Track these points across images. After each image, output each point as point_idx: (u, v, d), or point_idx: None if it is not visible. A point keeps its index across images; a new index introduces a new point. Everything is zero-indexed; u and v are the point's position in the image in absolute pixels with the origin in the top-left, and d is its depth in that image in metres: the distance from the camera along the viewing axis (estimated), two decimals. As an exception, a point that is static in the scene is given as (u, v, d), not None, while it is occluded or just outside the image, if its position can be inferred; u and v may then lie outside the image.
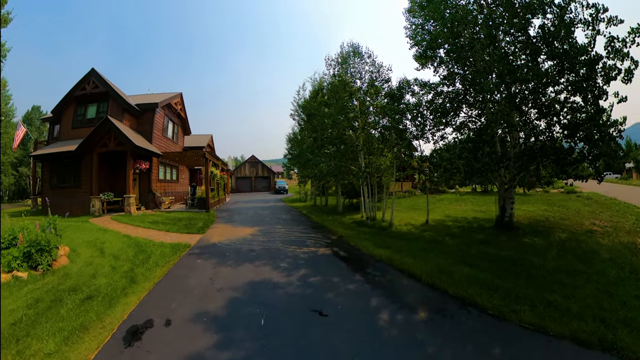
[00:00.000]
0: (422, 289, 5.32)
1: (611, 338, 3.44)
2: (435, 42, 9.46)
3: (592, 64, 6.76)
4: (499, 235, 8.80)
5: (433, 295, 5.06)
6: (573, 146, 7.86)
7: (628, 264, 6.11)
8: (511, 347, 3.57)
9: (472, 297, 4.71)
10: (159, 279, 5.92)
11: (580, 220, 10.69)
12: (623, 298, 4.58)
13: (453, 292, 4.99)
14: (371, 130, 12.70)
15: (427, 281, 5.51)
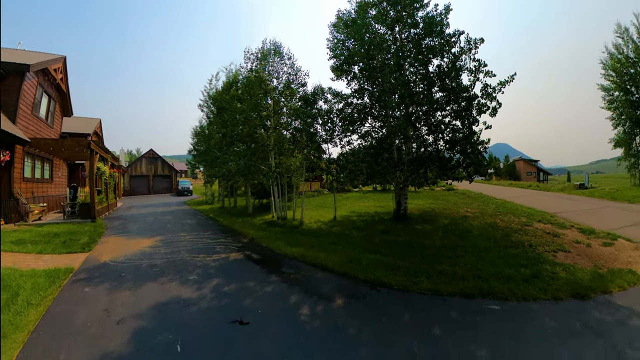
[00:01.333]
0: (335, 279, 5.64)
1: (487, 287, 4.84)
2: (352, 59, 10.69)
3: (470, 100, 9.28)
4: (397, 225, 10.38)
5: (346, 282, 5.43)
6: (452, 156, 10.42)
7: (492, 236, 8.38)
8: (416, 311, 4.37)
9: (380, 278, 5.37)
10: (35, 323, 4.12)
11: (457, 209, 13.95)
12: (491, 260, 6.29)
13: (363, 277, 5.52)
14: (283, 130, 13.02)
15: (339, 271, 5.90)
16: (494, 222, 10.42)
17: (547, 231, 8.86)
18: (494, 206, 14.37)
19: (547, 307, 4.39)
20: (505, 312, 4.30)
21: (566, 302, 4.50)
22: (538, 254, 6.72)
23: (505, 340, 3.63)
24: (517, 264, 5.93)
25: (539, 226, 9.59)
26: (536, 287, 4.85)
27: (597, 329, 3.78)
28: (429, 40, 9.83)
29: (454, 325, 3.98)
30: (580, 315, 4.12)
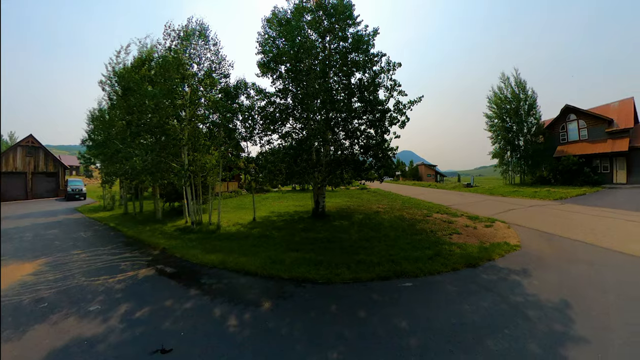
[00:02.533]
0: (260, 282, 5.56)
1: (399, 269, 5.65)
2: (280, 58, 10.85)
3: (384, 113, 10.76)
4: (316, 222, 10.91)
5: (271, 284, 5.42)
6: (366, 160, 11.64)
7: (400, 227, 9.66)
8: (341, 300, 4.67)
9: (304, 274, 5.58)
10: None
11: (370, 205, 15.72)
12: (401, 246, 7.28)
13: (287, 276, 5.62)
14: (199, 124, 11.94)
15: (263, 274, 5.86)
16: (401, 215, 12.15)
17: (444, 219, 10.99)
18: (401, 202, 17.30)
19: (449, 277, 5.53)
20: (416, 286, 5.09)
21: (462, 271, 5.80)
22: (438, 238, 8.22)
23: (420, 309, 4.31)
24: (422, 247, 7.13)
25: (437, 216, 11.83)
26: (439, 263, 6.04)
27: (487, 286, 5.07)
28: (354, 55, 10.88)
29: (376, 305, 4.45)
30: (474, 279, 5.41)
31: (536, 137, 28.89)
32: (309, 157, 11.10)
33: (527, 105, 28.28)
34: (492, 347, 3.40)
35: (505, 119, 29.13)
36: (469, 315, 4.12)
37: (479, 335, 3.63)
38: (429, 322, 3.93)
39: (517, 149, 29.13)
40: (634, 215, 10.76)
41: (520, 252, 7.02)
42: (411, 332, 3.70)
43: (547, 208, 13.56)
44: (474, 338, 3.58)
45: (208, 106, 11.58)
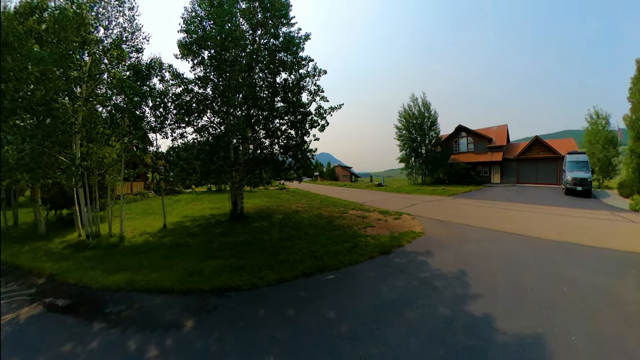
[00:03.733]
0: (178, 300, 5.00)
1: (322, 264, 5.99)
2: (205, 42, 9.87)
3: (306, 115, 10.91)
4: (234, 225, 10.49)
5: (192, 299, 4.94)
6: (285, 160, 11.66)
7: (319, 224, 10.14)
8: (269, 302, 4.65)
9: (226, 283, 5.32)
10: None
11: (289, 205, 16.05)
12: (321, 242, 7.68)
13: (208, 287, 5.23)
14: (98, 106, 9.69)
15: (181, 289, 5.25)
16: (320, 213, 12.79)
17: (359, 215, 12.04)
18: (319, 201, 18.21)
19: (367, 265, 6.14)
20: (339, 278, 5.47)
21: (378, 259, 6.53)
22: (354, 232, 8.98)
23: (345, 298, 4.66)
24: (341, 241, 7.70)
25: (353, 212, 12.84)
26: (357, 254, 6.65)
27: (399, 268, 5.89)
28: (283, 54, 10.75)
29: (303, 301, 4.60)
30: (388, 264, 6.17)
31: (435, 147, 36.83)
32: (227, 155, 10.51)
33: (430, 122, 35.94)
34: (410, 317, 4.04)
35: (411, 131, 36.22)
36: (387, 295, 4.69)
37: (398, 310, 4.20)
38: (355, 308, 4.30)
39: (420, 156, 36.45)
40: (505, 205, 15.24)
41: (424, 237, 8.46)
42: (340, 320, 3.99)
43: (443, 202, 17.17)
44: (394, 313, 4.12)
45: (112, 84, 9.42)
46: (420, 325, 3.85)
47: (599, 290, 4.93)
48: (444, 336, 3.62)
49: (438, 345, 3.45)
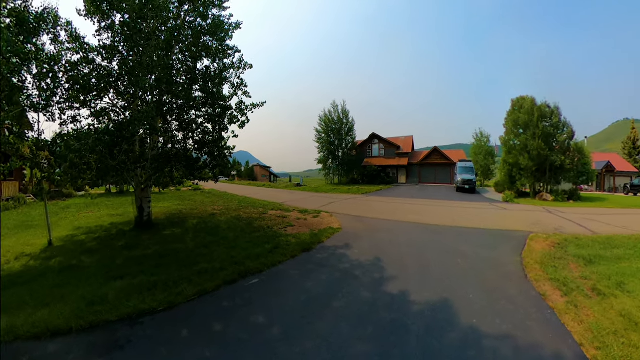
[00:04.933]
0: (80, 340, 3.86)
1: (244, 269, 5.76)
2: (119, 3, 7.91)
3: (226, 109, 10.11)
4: (142, 235, 9.07)
5: (97, 336, 3.88)
6: (200, 157, 10.62)
7: (238, 227, 9.75)
8: (191, 320, 4.11)
9: (138, 307, 4.38)
10: None
11: (205, 208, 14.86)
12: (242, 246, 7.40)
13: (116, 316, 4.24)
14: None
15: (81, 325, 4.12)
16: (238, 215, 12.29)
17: (279, 215, 12.05)
18: (237, 202, 17.51)
19: (290, 264, 6.20)
20: (264, 281, 5.37)
21: (300, 257, 6.65)
22: (275, 232, 8.94)
23: (272, 300, 4.61)
24: (262, 243, 7.56)
25: (272, 213, 12.75)
26: (279, 254, 6.63)
27: (321, 263, 6.15)
28: (209, 39, 9.65)
29: (229, 312, 4.31)
30: (310, 260, 6.37)
31: (351, 151, 40.53)
32: (131, 149, 8.84)
33: (348, 128, 39.67)
34: (337, 306, 4.29)
35: (330, 135, 39.51)
36: (313, 289, 4.84)
37: (325, 302, 4.39)
38: (283, 308, 4.29)
39: (337, 158, 39.84)
40: (410, 200, 18.23)
41: (342, 232, 9.04)
42: (271, 323, 3.92)
43: (358, 200, 18.84)
44: (322, 305, 4.29)
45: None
46: (347, 311, 4.13)
47: (485, 258, 6.56)
48: (370, 316, 4.03)
49: (366, 326, 3.81)
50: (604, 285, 5.19)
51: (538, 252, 7.22)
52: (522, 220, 11.90)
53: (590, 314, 4.29)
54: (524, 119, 22.68)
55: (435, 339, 3.63)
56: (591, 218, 12.73)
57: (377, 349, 3.40)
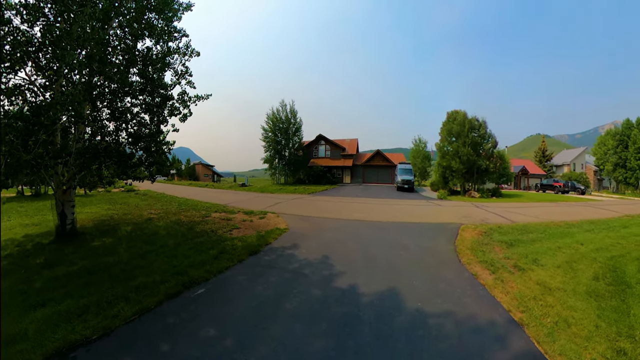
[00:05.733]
0: None
1: (188, 279, 5.32)
2: None
3: (166, 99, 9.07)
4: (65, 248, 7.58)
5: None
6: (135, 152, 9.35)
7: (179, 233, 8.99)
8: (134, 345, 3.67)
9: (67, 339, 3.52)
10: None
11: (140, 212, 13.30)
12: (184, 254, 6.78)
13: (42, 354, 3.26)
14: None
15: None
16: (178, 219, 11.27)
17: (223, 217, 11.40)
18: (177, 204, 15.83)
19: (237, 269, 5.92)
20: (211, 290, 5.00)
21: (248, 260, 6.41)
22: (219, 236, 8.48)
23: (222, 309, 4.31)
24: (206, 249, 7.11)
25: (216, 215, 12.03)
26: (225, 260, 6.29)
27: (270, 265, 6.02)
28: (154, 16, 8.53)
29: (176, 329, 3.90)
30: (258, 263, 6.19)
31: (298, 151, 40.47)
32: (51, 140, 7.42)
33: (295, 128, 39.39)
34: (289, 307, 4.24)
35: (277, 134, 38.69)
36: (264, 293, 4.71)
37: (277, 305, 4.30)
38: (234, 316, 4.08)
39: (284, 158, 39.28)
40: (354, 199, 19.01)
41: (289, 232, 8.98)
42: (223, 334, 3.69)
43: (304, 199, 18.73)
44: (274, 308, 4.20)
45: None
46: (300, 311, 4.11)
47: (424, 248, 7.25)
48: (322, 313, 4.08)
49: (320, 322, 3.85)
50: (523, 263, 6.40)
51: (468, 240, 8.27)
52: (455, 214, 13.42)
53: (514, 285, 5.32)
54: (457, 129, 26.84)
55: (386, 325, 3.90)
56: (510, 210, 15.14)
57: (332, 342, 3.47)
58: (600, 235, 9.68)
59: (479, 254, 6.97)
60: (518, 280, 5.55)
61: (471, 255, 6.93)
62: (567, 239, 8.91)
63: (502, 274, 5.83)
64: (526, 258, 6.77)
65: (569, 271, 6.07)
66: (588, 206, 19.67)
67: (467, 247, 7.56)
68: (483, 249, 7.38)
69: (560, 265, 6.39)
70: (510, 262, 6.56)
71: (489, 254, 7.06)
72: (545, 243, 8.26)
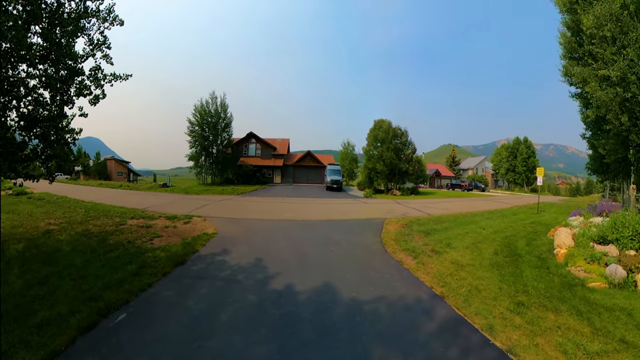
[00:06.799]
0: None
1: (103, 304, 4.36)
2: None
3: (75, 74, 7.09)
4: None
5: None
6: (27, 141, 7.11)
7: (88, 247, 7.47)
8: None
9: None
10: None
11: (35, 223, 10.57)
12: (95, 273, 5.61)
13: None
14: None
15: None
16: (86, 230, 9.36)
17: (141, 225, 9.98)
18: (84, 211, 12.95)
19: (163, 284, 5.17)
20: (133, 314, 4.25)
21: (174, 272, 5.72)
22: (139, 247, 7.43)
23: (149, 334, 3.74)
24: (123, 264, 6.06)
25: (133, 222, 10.44)
26: (147, 275, 5.45)
27: (200, 275, 5.60)
28: None
29: None
30: (186, 274, 5.66)
31: (227, 149, 37.98)
32: None
33: (225, 123, 36.80)
34: (225, 318, 3.99)
35: (205, 129, 35.69)
36: (196, 307, 4.30)
37: (212, 318, 4.00)
38: (165, 339, 3.61)
39: (211, 155, 36.33)
40: (285, 199, 19.19)
41: (218, 237, 8.48)
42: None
43: (233, 201, 18.01)
44: (209, 322, 3.88)
45: None
46: (238, 320, 3.94)
47: (354, 243, 7.79)
48: (260, 318, 3.98)
49: (259, 328, 3.75)
50: (439, 247, 7.59)
51: (392, 232, 9.19)
52: (379, 210, 14.68)
53: (433, 266, 6.29)
54: (382, 136, 30.31)
55: (325, 318, 4.06)
56: (427, 205, 17.37)
57: (275, 347, 3.42)
58: (497, 221, 12.07)
59: (402, 243, 7.85)
60: (436, 261, 6.56)
61: (395, 245, 7.75)
62: (472, 225, 10.78)
63: (423, 258, 6.74)
64: (441, 243, 7.91)
65: (475, 250, 7.39)
66: (487, 200, 25.53)
67: (391, 238, 8.38)
68: (405, 239, 8.32)
69: (468, 246, 7.72)
70: (428, 247, 7.61)
71: (411, 242, 8.00)
72: (456, 230, 9.79)
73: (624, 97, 10.89)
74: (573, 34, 13.69)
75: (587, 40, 12.01)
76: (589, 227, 7.84)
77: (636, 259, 5.82)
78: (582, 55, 12.97)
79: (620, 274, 5.45)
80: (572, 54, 13.88)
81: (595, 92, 11.40)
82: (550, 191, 62.24)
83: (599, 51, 11.52)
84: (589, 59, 12.41)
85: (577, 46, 13.32)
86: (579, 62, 13.35)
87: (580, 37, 13.01)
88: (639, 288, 5.23)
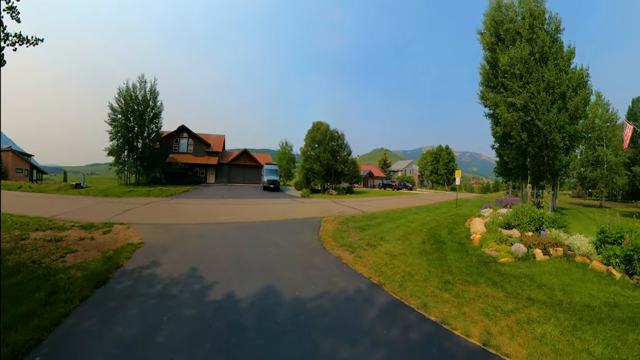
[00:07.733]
0: None
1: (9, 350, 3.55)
2: None
3: None
4: None
5: None
6: None
7: None
8: None
9: None
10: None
11: None
12: None
13: None
14: None
15: None
16: None
17: (49, 238, 8.15)
18: None
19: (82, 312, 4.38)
20: (48, 354, 3.42)
21: (95, 295, 4.82)
22: (46, 268, 6.06)
23: None
24: (29, 292, 4.83)
25: (38, 235, 8.50)
26: (60, 303, 4.42)
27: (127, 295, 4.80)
28: None
29: None
30: (110, 295, 4.81)
31: (155, 143, 32.75)
32: None
33: (154, 113, 31.71)
34: (161, 340, 3.57)
35: (130, 118, 30.14)
36: (126, 334, 3.76)
37: (147, 342, 3.56)
38: None
39: (136, 150, 30.88)
40: (220, 201, 17.89)
41: (145, 247, 7.45)
42: None
43: (161, 204, 15.93)
44: (144, 348, 3.46)
45: None
46: (177, 340, 3.57)
47: (292, 242, 7.92)
48: (203, 333, 3.74)
49: (203, 344, 3.54)
50: (373, 241, 8.24)
51: (330, 230, 9.56)
52: (316, 209, 15.03)
53: (369, 259, 6.78)
54: (320, 138, 31.26)
55: (271, 322, 4.06)
56: (361, 203, 18.57)
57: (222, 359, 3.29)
58: (423, 215, 13.63)
59: (339, 240, 8.26)
60: (372, 254, 7.17)
61: (333, 242, 8.10)
62: (402, 220, 11.92)
63: (359, 252, 7.26)
64: (375, 237, 8.56)
65: (405, 241, 8.25)
66: (414, 197, 28.61)
67: (329, 236, 8.70)
68: (342, 235, 8.75)
69: (399, 238, 8.55)
70: (364, 242, 8.15)
71: (347, 238, 8.46)
72: (388, 224, 10.69)
73: (524, 120, 14.82)
74: (491, 67, 17.58)
75: (501, 74, 15.78)
76: (497, 216, 10.06)
77: (533, 238, 7.92)
78: (496, 84, 16.89)
79: (523, 250, 7.28)
80: (488, 83, 17.84)
81: (504, 114, 15.27)
82: (466, 189, 74.01)
83: (509, 83, 15.28)
84: (501, 88, 16.29)
85: (493, 77, 17.20)
86: (493, 89, 17.33)
87: (496, 70, 16.85)
88: (537, 259, 7.16)
